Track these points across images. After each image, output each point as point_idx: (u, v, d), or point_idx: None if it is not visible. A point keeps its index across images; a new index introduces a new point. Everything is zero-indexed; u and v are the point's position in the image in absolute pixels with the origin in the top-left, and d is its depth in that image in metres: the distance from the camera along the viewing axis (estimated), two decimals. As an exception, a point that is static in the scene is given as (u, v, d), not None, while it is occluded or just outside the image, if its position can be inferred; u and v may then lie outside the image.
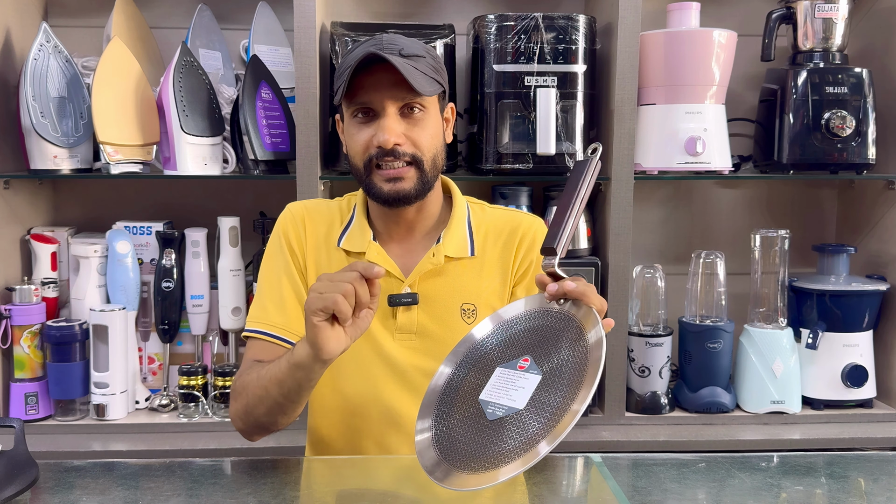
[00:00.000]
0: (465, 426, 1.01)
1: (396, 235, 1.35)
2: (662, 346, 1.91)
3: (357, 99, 1.25)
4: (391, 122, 1.23)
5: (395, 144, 1.23)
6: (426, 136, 1.26)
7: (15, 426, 1.12)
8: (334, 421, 1.36)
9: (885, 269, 2.03)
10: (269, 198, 2.02)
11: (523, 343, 1.05)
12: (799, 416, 1.94)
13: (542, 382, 0.99)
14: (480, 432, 0.99)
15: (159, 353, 1.95)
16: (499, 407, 1.00)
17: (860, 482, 1.18)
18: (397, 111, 1.24)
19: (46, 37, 1.82)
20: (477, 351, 1.09)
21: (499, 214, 1.39)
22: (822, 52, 1.95)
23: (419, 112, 1.25)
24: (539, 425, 0.95)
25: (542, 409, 0.96)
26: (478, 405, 1.02)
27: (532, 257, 1.34)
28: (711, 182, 2.19)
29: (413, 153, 1.25)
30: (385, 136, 1.22)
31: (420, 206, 1.33)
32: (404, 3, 2.11)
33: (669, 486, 1.14)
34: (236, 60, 2.09)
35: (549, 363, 1.00)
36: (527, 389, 0.99)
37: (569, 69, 1.83)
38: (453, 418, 1.03)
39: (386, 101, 1.23)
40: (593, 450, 1.74)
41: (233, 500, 1.08)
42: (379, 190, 1.27)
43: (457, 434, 1.01)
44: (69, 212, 2.10)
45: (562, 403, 0.95)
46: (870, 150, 1.92)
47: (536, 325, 1.06)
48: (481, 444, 0.98)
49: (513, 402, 0.99)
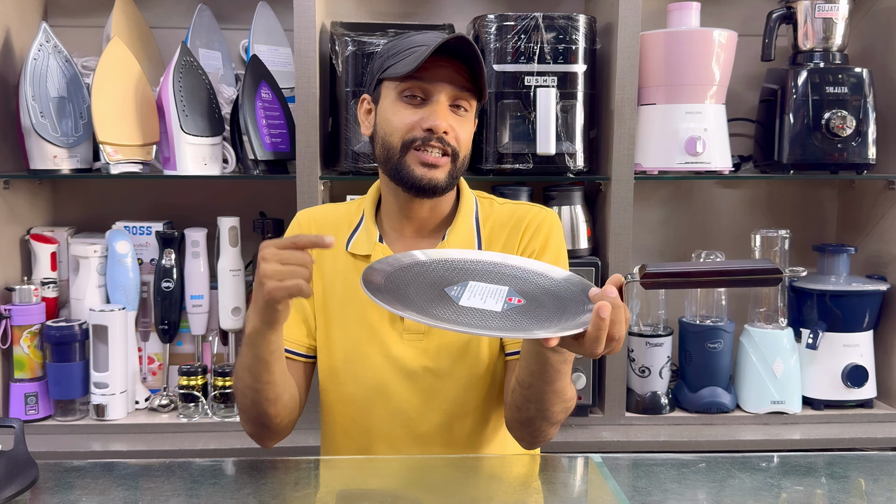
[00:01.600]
0: (420, 290, 1.05)
1: (407, 232, 1.35)
2: (662, 346, 1.91)
3: (417, 78, 1.24)
4: (444, 109, 1.25)
5: (444, 132, 1.24)
6: (466, 134, 1.29)
7: (15, 426, 1.12)
8: (344, 422, 1.36)
9: (885, 269, 2.03)
10: (268, 198, 2.02)
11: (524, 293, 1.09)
12: (799, 417, 1.93)
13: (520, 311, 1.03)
14: (439, 300, 1.03)
15: (159, 353, 1.95)
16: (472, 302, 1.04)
17: (860, 482, 1.18)
18: (448, 103, 1.26)
19: (46, 37, 1.82)
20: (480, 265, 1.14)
21: (507, 208, 1.39)
22: (823, 52, 1.95)
23: (464, 111, 1.28)
24: (499, 323, 0.99)
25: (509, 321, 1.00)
26: (443, 292, 1.05)
27: (536, 245, 1.33)
28: (711, 182, 2.19)
29: (454, 147, 1.26)
30: (439, 122, 1.23)
31: (435, 203, 1.33)
32: (404, 3, 2.10)
33: (669, 486, 1.14)
34: (236, 60, 2.09)
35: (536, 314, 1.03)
36: (501, 304, 1.03)
37: (569, 69, 1.83)
38: (410, 286, 1.06)
39: (446, 88, 1.24)
40: (593, 450, 1.75)
41: (233, 500, 1.08)
42: (411, 173, 1.26)
43: (410, 290, 1.05)
44: (69, 212, 2.10)
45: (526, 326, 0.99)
46: (870, 150, 1.92)
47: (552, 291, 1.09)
48: (434, 304, 1.02)
49: (487, 306, 1.03)
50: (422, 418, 1.31)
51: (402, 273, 1.09)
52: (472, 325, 0.98)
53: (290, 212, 1.67)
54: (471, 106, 1.29)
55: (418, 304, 1.01)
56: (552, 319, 1.02)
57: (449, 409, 1.31)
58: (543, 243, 1.33)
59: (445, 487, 1.17)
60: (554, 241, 1.34)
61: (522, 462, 1.34)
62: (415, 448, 1.32)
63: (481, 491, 1.18)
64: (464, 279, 1.09)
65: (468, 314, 1.01)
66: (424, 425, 1.31)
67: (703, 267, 1.03)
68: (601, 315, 0.98)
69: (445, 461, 1.29)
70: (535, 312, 1.03)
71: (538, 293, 1.08)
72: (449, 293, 1.05)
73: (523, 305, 1.04)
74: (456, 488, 1.18)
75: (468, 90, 1.26)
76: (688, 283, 1.03)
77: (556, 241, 1.34)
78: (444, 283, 1.07)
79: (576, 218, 1.92)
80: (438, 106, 1.24)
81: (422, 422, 1.31)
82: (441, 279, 1.09)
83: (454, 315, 1.00)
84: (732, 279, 1.02)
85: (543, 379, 1.14)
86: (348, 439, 1.36)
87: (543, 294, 1.08)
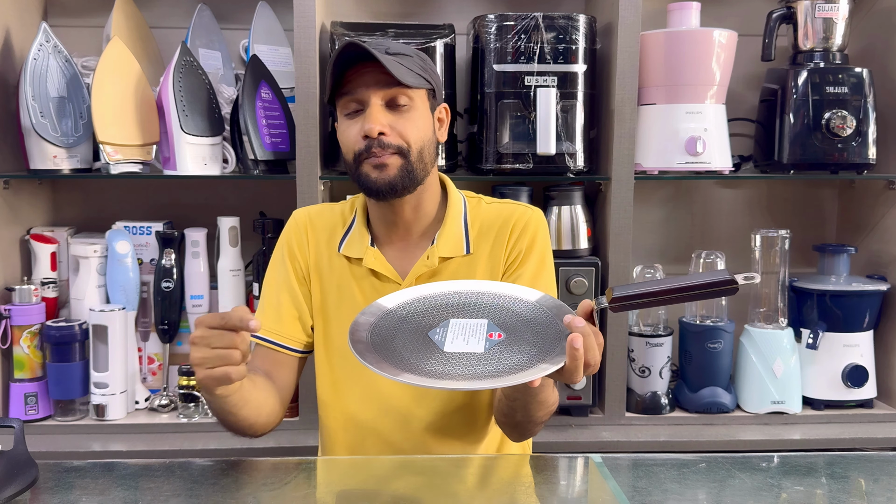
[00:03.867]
0: (406, 340, 1.09)
1: (395, 237, 1.37)
2: (663, 346, 1.91)
3: (343, 91, 1.28)
4: (376, 111, 1.26)
5: (381, 134, 1.25)
6: (413, 129, 1.28)
7: (14, 426, 1.12)
8: (340, 418, 1.38)
9: (885, 269, 2.03)
10: (268, 198, 2.02)
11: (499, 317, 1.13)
12: (799, 417, 1.93)
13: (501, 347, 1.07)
14: (424, 349, 1.07)
15: (159, 354, 1.95)
16: (455, 345, 1.08)
17: (860, 482, 1.18)
18: (383, 104, 1.27)
19: (46, 36, 1.82)
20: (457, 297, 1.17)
21: (494, 209, 1.40)
22: (823, 51, 1.95)
23: (405, 105, 1.28)
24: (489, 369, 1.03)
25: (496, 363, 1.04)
26: (426, 336, 1.09)
27: (522, 245, 1.35)
28: (711, 182, 2.19)
29: (398, 144, 1.27)
30: (370, 125, 1.25)
31: (416, 206, 1.34)
32: (404, 3, 2.10)
33: (669, 486, 1.14)
34: (236, 60, 2.09)
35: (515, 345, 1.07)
36: (483, 342, 1.08)
37: (569, 69, 1.83)
38: (395, 334, 1.10)
39: (371, 92, 1.26)
40: (593, 450, 1.75)
41: (233, 500, 1.08)
42: (366, 178, 1.28)
43: (397, 342, 1.09)
44: (69, 212, 2.10)
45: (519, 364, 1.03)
46: (870, 150, 1.92)
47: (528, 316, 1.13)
48: (421, 355, 1.06)
49: (470, 347, 1.07)
50: (413, 414, 1.35)
51: (385, 321, 1.13)
52: (460, 375, 1.02)
53: (290, 212, 1.67)
54: (413, 97, 1.28)
55: (406, 357, 1.06)
56: (532, 351, 1.06)
57: (440, 406, 1.34)
58: (530, 243, 1.35)
59: (445, 487, 1.18)
60: (539, 241, 1.36)
61: (522, 462, 1.34)
62: (408, 442, 1.35)
63: (481, 491, 1.18)
64: (444, 317, 1.13)
65: (454, 361, 1.05)
66: (416, 421, 1.35)
67: (665, 285, 1.05)
68: (574, 346, 1.02)
69: (445, 461, 1.29)
70: (516, 346, 1.07)
71: (515, 322, 1.12)
72: (433, 338, 1.09)
73: (504, 340, 1.08)
74: (456, 488, 1.18)
75: (399, 84, 1.25)
76: (653, 302, 1.06)
77: (541, 241, 1.36)
78: (426, 327, 1.11)
79: (576, 218, 1.92)
80: (370, 109, 1.26)
81: (413, 418, 1.34)
82: (423, 323, 1.12)
83: (441, 365, 1.04)
84: (694, 293, 1.05)
85: (527, 394, 1.17)
86: (344, 433, 1.38)
87: (520, 323, 1.12)
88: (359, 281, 1.35)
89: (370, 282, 1.35)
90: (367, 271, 1.35)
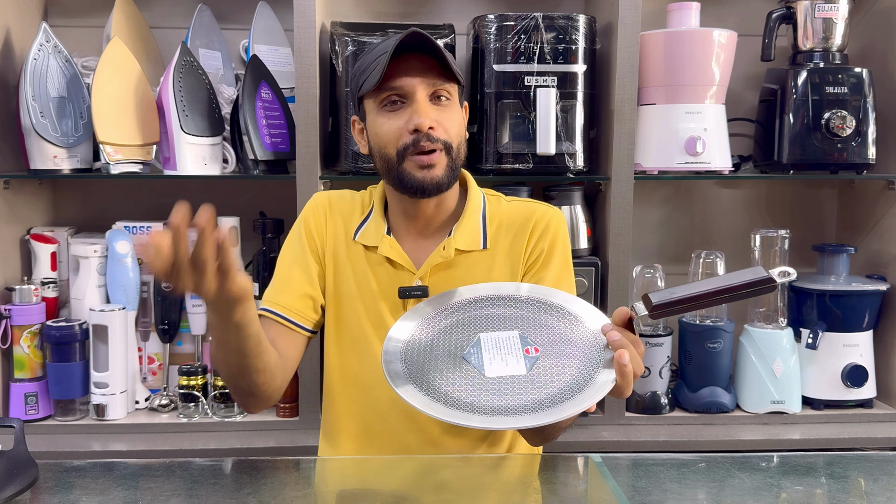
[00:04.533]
0: (443, 367, 1.04)
1: (413, 229, 1.36)
2: (662, 346, 1.91)
3: (388, 85, 1.24)
4: (424, 104, 1.24)
5: (430, 128, 1.23)
6: (454, 124, 1.27)
7: (15, 426, 1.12)
8: (347, 405, 1.37)
9: (885, 269, 2.03)
10: (268, 198, 2.02)
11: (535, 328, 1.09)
12: (799, 416, 1.93)
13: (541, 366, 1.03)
14: (466, 378, 1.02)
15: (159, 353, 1.95)
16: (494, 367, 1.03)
17: (860, 482, 1.18)
18: (428, 97, 1.25)
19: (46, 36, 1.82)
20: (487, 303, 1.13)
21: (514, 206, 1.39)
22: (822, 51, 1.95)
23: (446, 100, 1.27)
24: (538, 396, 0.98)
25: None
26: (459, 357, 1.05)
27: (544, 245, 1.34)
28: (711, 182, 2.19)
29: (445, 139, 1.25)
30: (421, 119, 1.22)
31: (440, 201, 1.33)
32: (404, 3, 2.10)
33: (669, 486, 1.14)
34: (236, 60, 2.09)
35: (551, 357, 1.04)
36: (522, 360, 1.04)
37: (569, 69, 1.83)
38: (430, 361, 1.06)
39: (419, 85, 1.24)
40: (593, 450, 1.75)
41: (233, 500, 1.08)
42: (411, 178, 1.26)
43: (431, 370, 1.04)
44: (69, 212, 2.10)
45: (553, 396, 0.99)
46: (870, 150, 1.92)
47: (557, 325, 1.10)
48: (466, 385, 1.01)
49: (511, 369, 1.03)
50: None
51: (414, 348, 1.08)
52: (517, 409, 0.97)
53: (290, 212, 1.67)
54: (452, 93, 1.28)
55: (447, 391, 1.01)
56: (574, 366, 1.02)
57: None
58: (551, 244, 1.34)
59: (446, 487, 1.18)
60: (560, 241, 1.35)
61: (522, 462, 1.34)
62: (416, 434, 1.32)
63: (481, 490, 1.18)
64: (472, 332, 1.09)
65: (504, 390, 1.00)
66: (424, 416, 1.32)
67: (703, 288, 1.03)
68: (623, 362, 0.99)
69: (445, 460, 1.29)
70: (556, 361, 1.03)
71: (544, 330, 1.08)
72: (469, 360, 1.05)
73: (541, 355, 1.04)
74: (455, 488, 1.18)
75: (443, 77, 1.25)
76: (692, 307, 1.03)
77: (562, 242, 1.36)
78: (457, 348, 1.07)
79: (576, 218, 1.92)
80: (418, 104, 1.24)
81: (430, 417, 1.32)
82: (452, 343, 1.08)
83: (489, 395, 0.99)
84: (733, 295, 1.03)
85: None
86: (351, 420, 1.37)
87: (550, 331, 1.08)
88: (374, 268, 1.35)
89: (385, 269, 1.34)
90: (383, 258, 1.34)
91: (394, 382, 1.02)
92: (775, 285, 1.01)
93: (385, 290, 1.34)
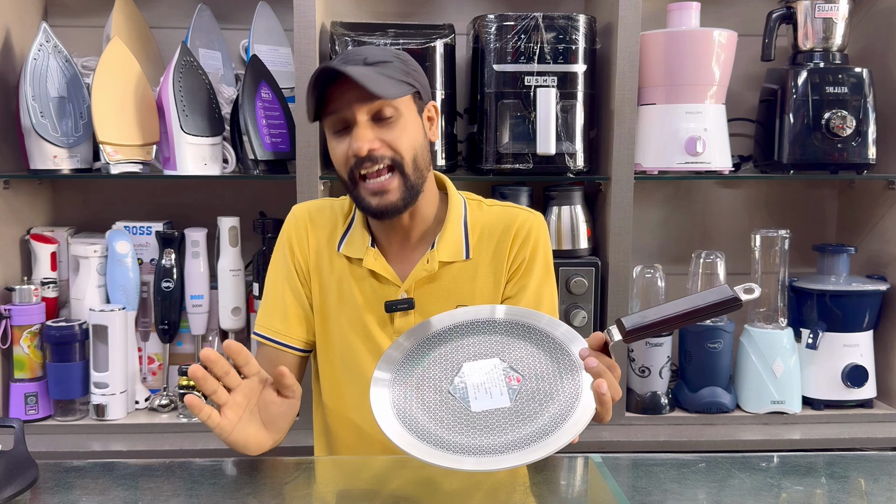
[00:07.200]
0: (430, 403, 1.07)
1: (394, 240, 1.35)
2: (663, 346, 1.91)
3: (329, 111, 1.25)
4: (362, 129, 1.22)
5: (370, 150, 1.22)
6: (404, 139, 1.25)
7: (15, 426, 1.12)
8: (338, 417, 1.38)
9: (885, 269, 2.03)
10: (268, 198, 2.02)
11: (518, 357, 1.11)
12: (799, 417, 1.93)
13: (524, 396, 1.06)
14: (454, 416, 1.04)
15: (159, 353, 1.95)
16: (479, 399, 1.06)
17: (860, 482, 1.18)
18: (369, 118, 1.23)
19: (46, 37, 1.82)
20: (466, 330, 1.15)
21: (495, 212, 1.38)
22: (823, 51, 1.95)
23: (391, 116, 1.24)
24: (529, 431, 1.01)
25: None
26: (442, 392, 1.08)
27: (526, 253, 1.34)
28: (711, 182, 2.19)
29: (391, 156, 1.24)
30: (358, 144, 1.22)
31: (413, 212, 1.32)
32: (404, 3, 2.10)
33: (669, 486, 1.14)
34: (236, 60, 2.09)
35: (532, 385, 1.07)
36: (506, 391, 1.07)
37: (569, 69, 1.83)
38: (415, 394, 1.08)
39: (355, 109, 1.22)
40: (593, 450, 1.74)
41: (233, 500, 1.08)
42: (367, 204, 1.26)
43: (421, 412, 1.06)
44: (69, 212, 2.10)
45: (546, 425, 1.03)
46: (870, 150, 1.92)
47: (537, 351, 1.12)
48: (454, 424, 1.03)
49: (496, 402, 1.05)
50: None
51: (400, 392, 1.09)
52: (506, 446, 1.00)
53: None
54: (399, 106, 1.24)
55: (436, 432, 1.03)
56: (555, 392, 1.05)
57: None
58: (533, 252, 1.34)
59: (445, 487, 1.18)
60: (542, 248, 1.35)
61: (522, 462, 1.34)
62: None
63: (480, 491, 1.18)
64: (454, 362, 1.11)
65: (490, 426, 1.03)
66: None
67: (674, 311, 1.05)
68: (601, 391, 1.01)
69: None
70: (537, 390, 1.06)
71: (524, 356, 1.11)
72: (454, 395, 1.07)
73: (523, 385, 1.07)
74: (455, 488, 1.18)
75: (379, 95, 1.21)
76: (663, 329, 1.06)
77: (543, 249, 1.36)
78: (442, 381, 1.09)
79: (576, 218, 1.92)
80: (357, 128, 1.23)
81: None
82: (436, 376, 1.10)
83: (476, 433, 1.02)
84: (703, 315, 1.05)
85: None
86: (343, 431, 1.38)
87: (529, 357, 1.11)
88: (359, 282, 1.34)
89: (370, 283, 1.34)
90: (367, 272, 1.34)
91: (386, 429, 1.03)
92: (741, 304, 1.03)
93: (370, 303, 1.33)
